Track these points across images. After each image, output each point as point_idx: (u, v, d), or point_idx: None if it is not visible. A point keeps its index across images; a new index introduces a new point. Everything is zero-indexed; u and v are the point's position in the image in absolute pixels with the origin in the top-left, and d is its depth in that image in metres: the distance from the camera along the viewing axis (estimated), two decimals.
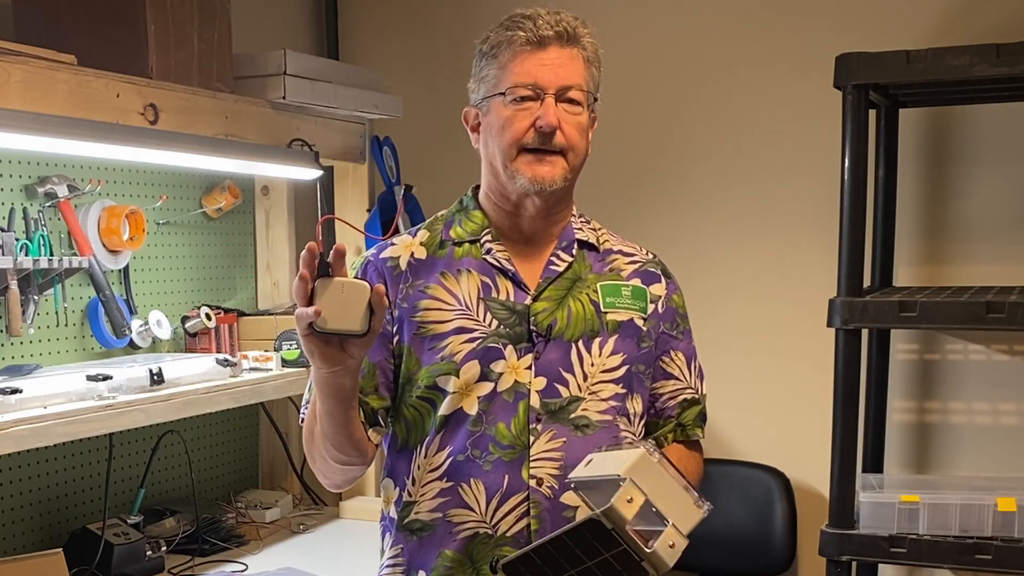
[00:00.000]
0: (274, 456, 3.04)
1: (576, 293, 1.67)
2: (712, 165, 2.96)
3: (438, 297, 1.64)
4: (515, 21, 1.61)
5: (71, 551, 2.20)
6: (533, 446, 1.60)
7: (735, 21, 2.91)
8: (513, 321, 1.63)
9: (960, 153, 2.75)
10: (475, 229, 1.69)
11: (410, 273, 1.66)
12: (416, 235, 1.72)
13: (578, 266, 1.69)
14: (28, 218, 2.26)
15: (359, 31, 3.30)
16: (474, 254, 1.67)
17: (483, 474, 1.60)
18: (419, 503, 1.64)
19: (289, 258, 2.98)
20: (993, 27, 2.63)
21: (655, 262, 1.77)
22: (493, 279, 1.66)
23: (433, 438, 1.63)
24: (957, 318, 2.28)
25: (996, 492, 2.31)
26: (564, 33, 1.59)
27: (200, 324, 2.63)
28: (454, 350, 1.61)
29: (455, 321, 1.63)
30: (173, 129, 2.25)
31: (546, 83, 1.58)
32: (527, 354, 1.62)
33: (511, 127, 1.60)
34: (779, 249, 2.91)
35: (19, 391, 1.97)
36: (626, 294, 1.69)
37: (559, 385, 1.62)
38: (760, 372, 2.94)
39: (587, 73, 1.62)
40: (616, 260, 1.73)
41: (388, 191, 3.09)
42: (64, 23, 2.22)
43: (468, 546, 1.61)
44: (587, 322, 1.65)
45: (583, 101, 1.60)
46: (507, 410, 1.60)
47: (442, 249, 1.69)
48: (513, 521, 1.60)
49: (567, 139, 1.59)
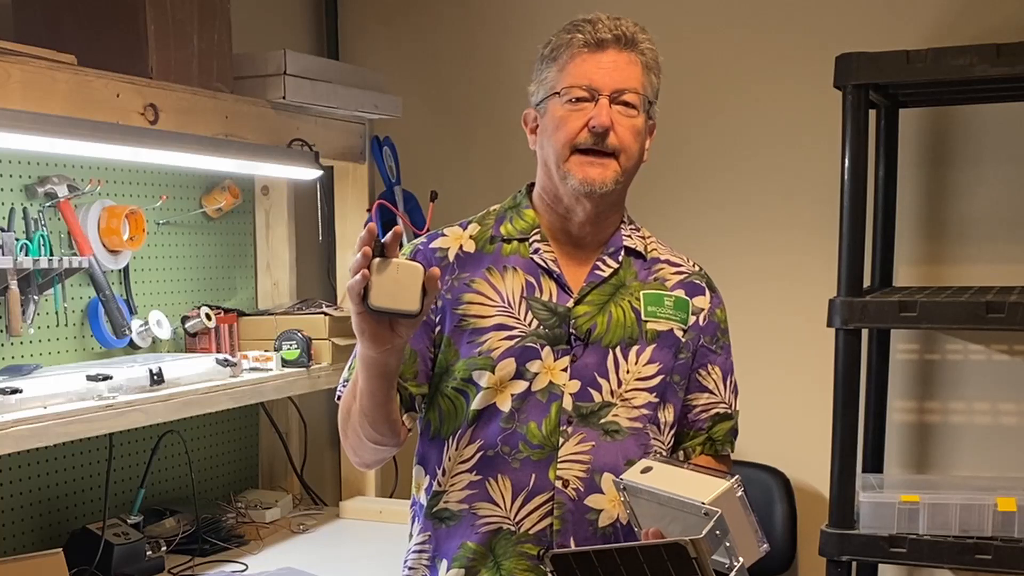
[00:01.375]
0: (274, 456, 3.04)
1: (618, 299, 1.68)
2: (712, 165, 2.96)
3: (482, 292, 1.66)
4: (575, 25, 1.62)
5: (71, 551, 2.20)
6: (562, 448, 1.61)
7: (735, 22, 2.91)
8: (553, 322, 1.64)
9: (960, 153, 2.75)
10: (525, 228, 1.70)
11: (457, 265, 1.68)
12: (467, 228, 1.73)
13: (623, 273, 1.70)
14: (28, 218, 2.26)
15: (359, 31, 3.30)
16: (522, 252, 1.68)
17: (511, 471, 1.62)
18: (448, 492, 1.66)
19: (289, 258, 2.98)
20: (993, 27, 2.62)
21: (701, 275, 1.78)
22: (538, 279, 1.67)
23: (465, 431, 1.65)
24: (957, 318, 2.28)
25: (996, 492, 2.31)
26: (623, 37, 1.60)
27: (200, 324, 2.63)
28: (492, 346, 1.63)
29: (496, 317, 1.64)
30: (173, 129, 2.25)
31: (601, 85, 1.59)
32: (564, 356, 1.63)
33: (565, 127, 1.61)
34: (779, 249, 2.91)
35: (19, 391, 1.97)
36: (668, 304, 1.70)
37: (592, 390, 1.63)
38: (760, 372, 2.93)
39: (644, 78, 1.63)
40: (662, 270, 1.74)
41: (388, 191, 3.09)
42: (64, 23, 2.22)
43: (490, 540, 1.63)
44: (626, 329, 1.66)
45: (638, 105, 1.61)
46: (539, 410, 1.62)
47: (491, 244, 1.70)
48: (537, 519, 1.62)
49: (620, 141, 1.60)
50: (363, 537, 2.71)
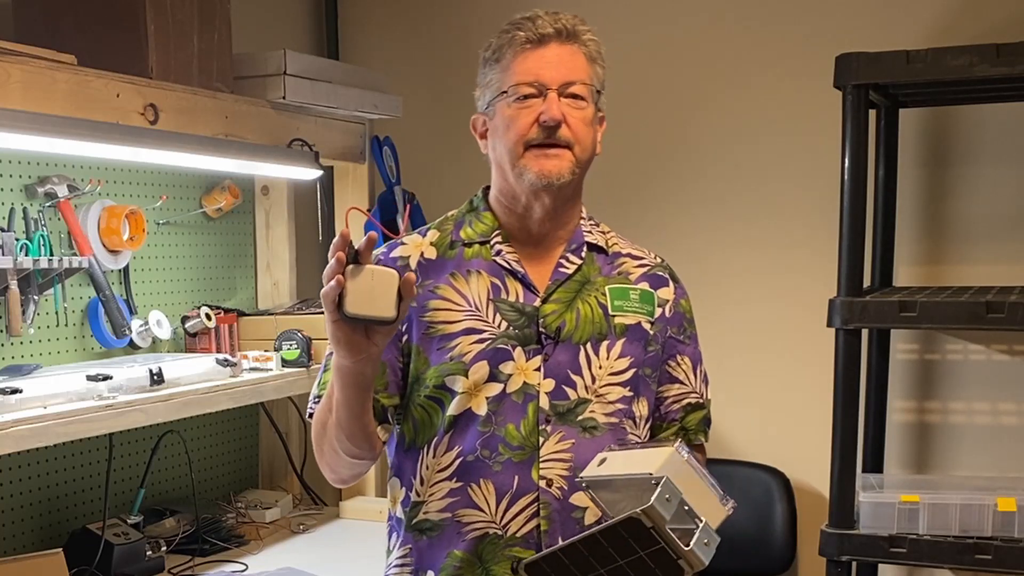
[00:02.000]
0: (274, 456, 3.04)
1: (585, 296, 1.67)
2: (712, 165, 2.96)
3: (447, 298, 1.65)
4: (515, 24, 1.62)
5: (71, 551, 2.20)
6: (543, 447, 1.61)
7: (735, 21, 2.92)
8: (522, 323, 1.63)
9: (960, 153, 2.75)
10: (485, 230, 1.69)
11: (420, 273, 1.66)
12: (426, 235, 1.72)
13: (587, 268, 1.69)
14: (28, 218, 2.26)
15: (359, 31, 3.30)
16: (484, 255, 1.68)
17: (493, 475, 1.60)
18: (428, 503, 1.64)
19: (289, 258, 2.98)
20: (993, 27, 2.63)
21: (663, 266, 1.77)
22: (503, 280, 1.66)
23: (442, 438, 1.63)
24: (957, 318, 2.28)
25: (996, 492, 2.31)
26: (564, 30, 1.60)
27: (200, 324, 2.63)
28: (463, 350, 1.62)
29: (464, 322, 1.63)
30: (173, 129, 2.25)
31: (548, 79, 1.59)
32: (536, 356, 1.62)
33: (516, 124, 1.60)
34: (779, 249, 2.91)
35: (19, 391, 1.97)
36: (634, 298, 1.70)
37: (567, 387, 1.63)
38: (760, 372, 2.94)
39: (590, 69, 1.62)
40: (625, 263, 1.73)
41: (388, 191, 3.09)
42: (64, 23, 2.22)
43: (478, 546, 1.61)
44: (595, 325, 1.66)
45: (587, 96, 1.61)
46: (516, 411, 1.61)
47: (452, 250, 1.69)
48: (523, 522, 1.60)
49: (573, 133, 1.59)
50: (363, 537, 2.70)
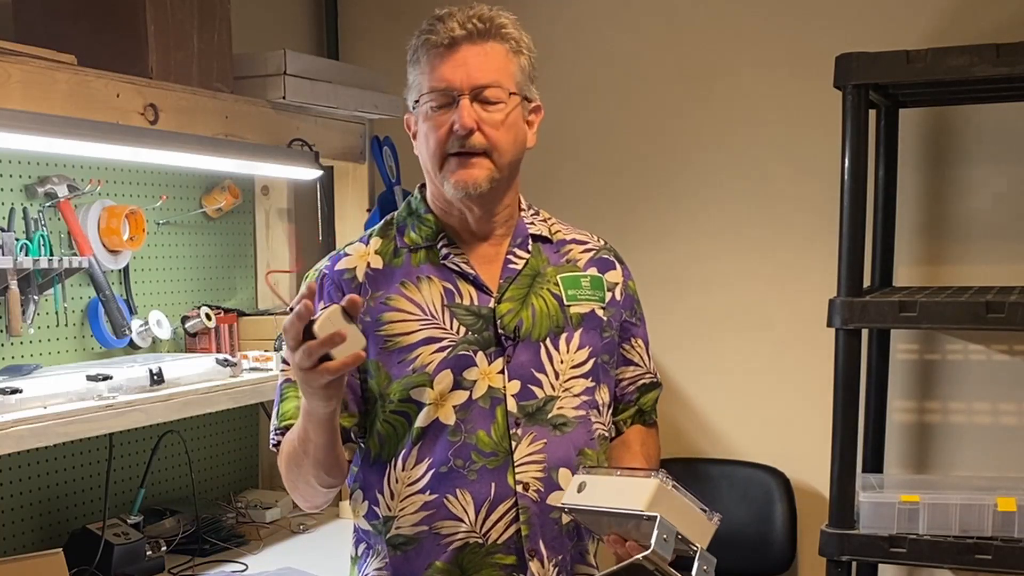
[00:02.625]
0: (274, 456, 3.02)
1: (537, 289, 1.65)
2: (712, 165, 2.96)
3: (401, 308, 1.61)
4: (428, 24, 1.59)
5: (71, 551, 2.20)
6: (516, 451, 1.58)
7: (735, 21, 2.91)
8: (480, 326, 1.61)
9: (960, 153, 2.74)
10: (429, 234, 1.66)
11: (369, 285, 1.62)
12: (369, 243, 1.68)
13: (535, 261, 1.67)
14: (28, 218, 2.26)
15: (359, 31, 3.30)
16: (432, 260, 1.64)
17: (469, 484, 1.58)
18: (399, 518, 1.61)
19: (289, 258, 2.98)
20: (993, 27, 2.63)
21: (608, 248, 1.77)
22: (455, 284, 1.63)
23: (410, 451, 1.60)
24: (957, 318, 2.28)
25: (996, 492, 2.31)
26: (475, 30, 1.56)
27: (200, 324, 2.63)
28: (425, 361, 1.58)
29: (422, 331, 1.60)
30: (173, 129, 2.25)
31: (459, 84, 1.56)
32: (498, 358, 1.60)
33: (433, 134, 1.59)
34: (779, 249, 2.90)
35: (19, 391, 1.97)
36: (585, 285, 1.69)
37: (533, 386, 1.61)
38: (760, 372, 2.94)
39: (508, 66, 1.58)
40: (571, 250, 1.72)
41: (388, 191, 3.09)
42: (64, 23, 2.22)
43: (458, 556, 1.59)
44: (552, 318, 1.64)
45: (502, 98, 1.56)
46: (485, 417, 1.58)
47: (397, 257, 1.65)
48: (503, 528, 1.58)
49: (488, 139, 1.56)
50: None
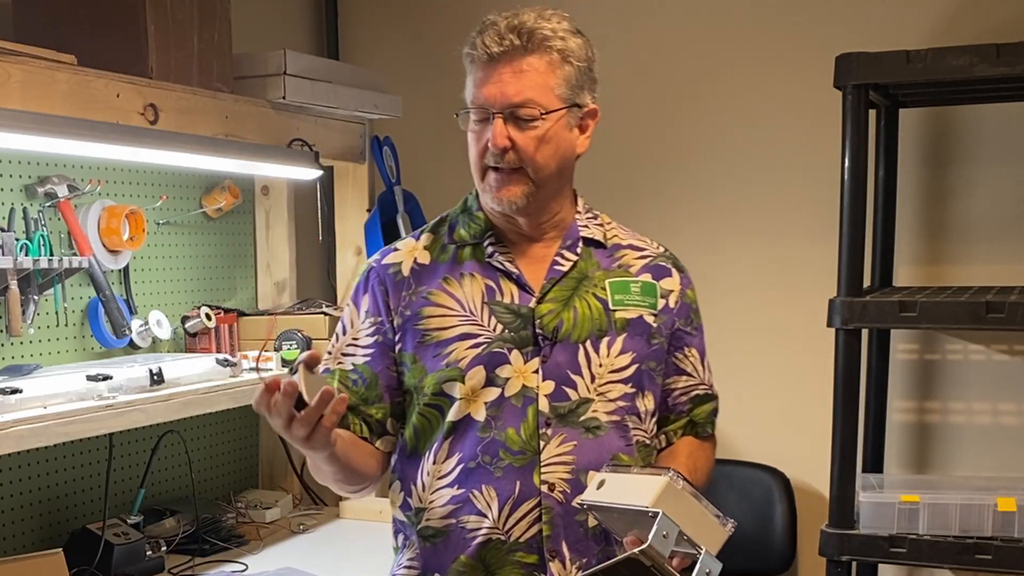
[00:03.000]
0: (274, 456, 3.04)
1: (582, 292, 1.65)
2: (712, 165, 2.96)
3: (441, 303, 1.63)
4: (474, 34, 1.60)
5: (71, 551, 2.20)
6: (543, 451, 1.59)
7: (735, 21, 2.91)
8: (518, 325, 1.61)
9: (960, 153, 2.75)
10: (478, 231, 1.68)
11: (413, 279, 1.65)
12: (420, 239, 1.71)
13: (584, 264, 1.67)
14: (28, 218, 2.26)
15: (359, 31, 3.30)
16: (478, 257, 1.66)
17: (494, 480, 1.59)
18: (429, 510, 1.63)
19: (289, 258, 2.97)
20: (993, 27, 2.63)
21: (666, 256, 1.75)
22: (497, 282, 1.64)
23: (441, 444, 1.62)
24: (957, 318, 2.28)
25: (996, 492, 2.31)
26: (510, 47, 1.56)
27: (200, 324, 2.63)
28: (459, 356, 1.60)
29: (459, 327, 1.62)
30: (173, 129, 2.25)
31: (492, 103, 1.57)
32: (534, 358, 1.60)
33: (474, 147, 1.62)
34: (779, 249, 2.91)
35: (19, 391, 1.97)
36: (635, 290, 1.67)
37: (567, 388, 1.61)
38: (760, 372, 2.94)
39: (547, 80, 1.57)
40: (625, 255, 1.71)
41: (388, 191, 3.09)
42: (64, 23, 2.22)
43: (481, 552, 1.60)
44: (594, 322, 1.63)
45: (536, 116, 1.56)
46: (516, 415, 1.59)
47: (444, 253, 1.67)
48: (526, 527, 1.59)
49: (521, 156, 1.57)
50: (363, 537, 2.70)
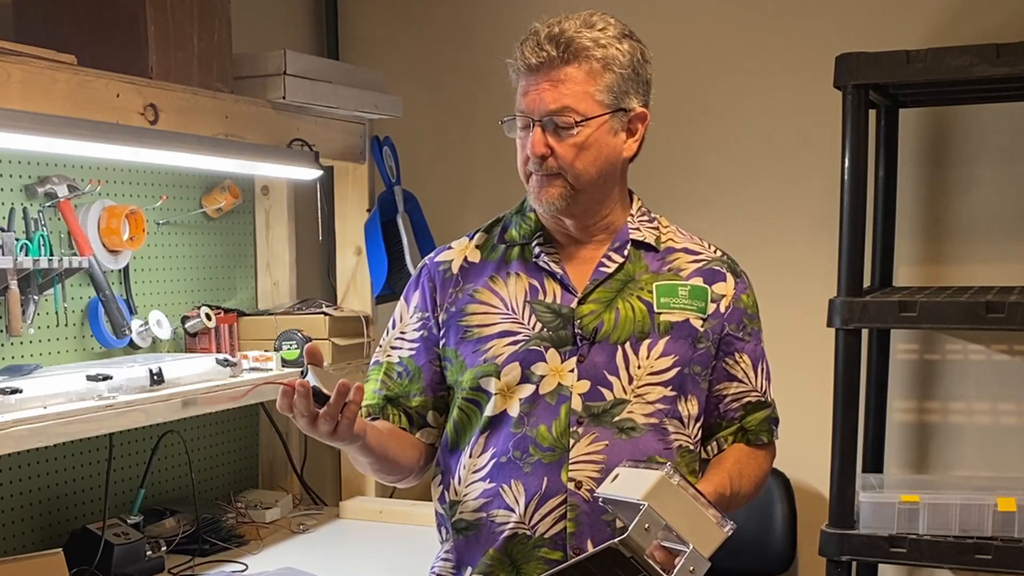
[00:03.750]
0: (274, 456, 3.04)
1: (627, 295, 1.66)
2: (712, 165, 2.96)
3: (485, 301, 1.67)
4: (520, 42, 1.61)
5: (71, 551, 2.20)
6: (573, 449, 1.61)
7: (735, 21, 2.91)
8: (557, 324, 1.64)
9: (960, 153, 2.75)
10: (528, 232, 1.71)
11: (461, 277, 1.70)
12: (473, 238, 1.75)
13: (631, 267, 1.68)
14: (28, 218, 2.26)
15: (359, 31, 3.30)
16: (525, 257, 1.69)
17: (523, 476, 1.62)
18: (463, 503, 1.67)
19: (289, 258, 2.97)
20: (993, 27, 2.63)
21: (722, 260, 1.74)
22: (541, 282, 1.67)
23: (477, 439, 1.66)
24: (957, 318, 2.28)
25: (996, 492, 2.31)
26: (547, 59, 1.57)
27: (200, 324, 2.63)
28: (496, 352, 1.63)
29: (500, 324, 1.65)
30: (173, 129, 2.25)
31: (532, 111, 1.60)
32: (571, 357, 1.62)
33: (520, 153, 1.65)
34: (779, 249, 2.90)
35: (19, 391, 1.96)
36: (683, 294, 1.67)
37: (603, 388, 1.62)
38: None
39: (587, 88, 1.58)
40: (677, 259, 1.71)
41: (388, 191, 3.09)
42: (64, 23, 2.22)
43: (508, 545, 1.63)
44: (636, 324, 1.64)
45: (571, 123, 1.58)
46: (548, 412, 1.61)
47: (494, 252, 1.71)
48: (551, 523, 1.61)
49: (560, 163, 1.60)
50: (363, 537, 2.71)
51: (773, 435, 1.76)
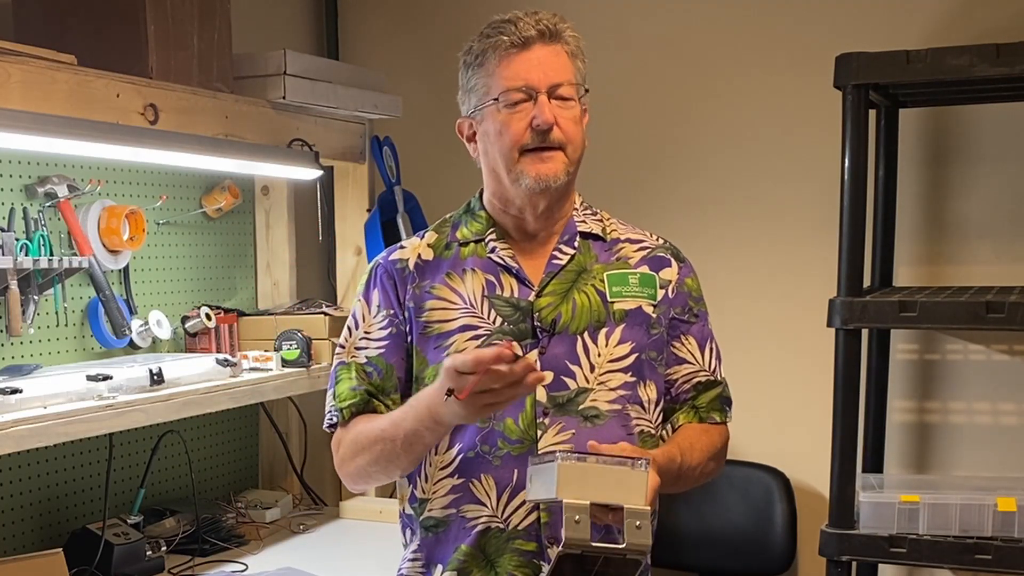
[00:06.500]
0: (274, 456, 3.04)
1: (581, 285, 1.69)
2: (712, 165, 2.96)
3: (443, 297, 1.68)
4: (496, 28, 1.64)
5: (71, 551, 2.20)
6: (541, 440, 1.62)
7: (735, 21, 2.91)
8: (517, 318, 1.66)
9: (960, 153, 2.74)
10: (479, 229, 1.72)
11: (417, 274, 1.70)
12: (424, 237, 1.76)
13: (582, 258, 1.71)
14: (28, 218, 2.26)
15: (359, 31, 3.30)
16: (479, 253, 1.71)
17: (493, 469, 1.63)
18: (431, 500, 1.67)
19: (289, 258, 2.98)
20: (993, 27, 2.62)
21: (665, 247, 1.78)
22: (497, 277, 1.69)
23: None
24: (957, 318, 2.28)
25: (996, 492, 2.31)
26: (546, 31, 1.62)
27: (200, 324, 2.63)
28: (459, 347, 1.64)
29: (460, 319, 1.66)
30: (173, 129, 2.25)
31: (536, 82, 1.61)
32: (532, 350, 1.64)
33: (509, 131, 1.63)
34: (779, 249, 2.91)
35: (19, 391, 1.97)
36: (633, 282, 1.71)
37: (566, 378, 1.64)
38: (760, 372, 2.94)
39: (573, 67, 1.65)
40: (624, 248, 1.75)
41: (388, 191, 3.09)
42: (64, 23, 2.22)
43: (481, 540, 1.64)
44: (593, 313, 1.67)
45: (574, 95, 1.63)
46: (514, 405, 1.61)
47: (448, 250, 1.72)
48: (524, 514, 1.63)
49: (564, 134, 1.62)
50: (363, 537, 2.71)
51: (726, 415, 1.78)
